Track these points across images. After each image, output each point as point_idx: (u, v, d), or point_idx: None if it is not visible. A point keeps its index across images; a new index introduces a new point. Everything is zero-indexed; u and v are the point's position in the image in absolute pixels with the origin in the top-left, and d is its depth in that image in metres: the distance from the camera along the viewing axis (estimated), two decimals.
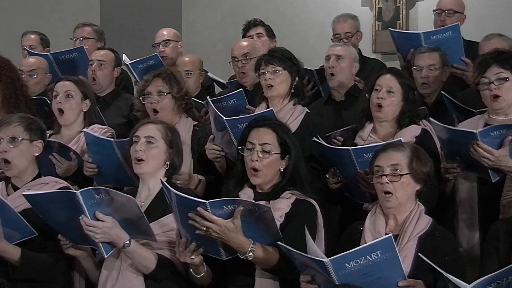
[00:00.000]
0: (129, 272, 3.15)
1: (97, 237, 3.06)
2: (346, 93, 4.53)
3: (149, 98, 3.94)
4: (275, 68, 3.93)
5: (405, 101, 3.69)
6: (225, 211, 2.96)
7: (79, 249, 3.25)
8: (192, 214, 2.95)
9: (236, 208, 2.96)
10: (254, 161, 3.20)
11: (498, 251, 2.98)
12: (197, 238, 3.00)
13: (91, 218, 3.05)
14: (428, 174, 3.12)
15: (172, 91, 3.93)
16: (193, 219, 2.95)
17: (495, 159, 3.33)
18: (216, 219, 2.94)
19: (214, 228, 2.94)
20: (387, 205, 3.07)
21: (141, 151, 3.30)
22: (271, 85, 3.93)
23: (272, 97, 3.96)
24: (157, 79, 3.97)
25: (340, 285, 2.72)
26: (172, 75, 4.01)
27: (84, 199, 3.02)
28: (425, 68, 4.31)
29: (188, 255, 3.02)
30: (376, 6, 6.58)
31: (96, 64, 4.84)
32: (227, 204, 2.97)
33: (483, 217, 3.51)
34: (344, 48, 4.58)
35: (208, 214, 2.94)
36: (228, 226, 2.95)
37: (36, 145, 3.52)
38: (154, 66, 5.00)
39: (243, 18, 5.53)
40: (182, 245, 3.03)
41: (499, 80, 3.52)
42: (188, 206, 2.96)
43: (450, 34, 4.54)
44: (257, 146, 3.22)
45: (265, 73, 3.94)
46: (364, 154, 3.41)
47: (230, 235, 2.96)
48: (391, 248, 2.75)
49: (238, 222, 2.95)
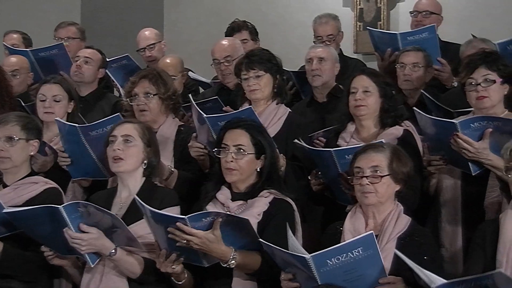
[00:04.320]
0: (113, 275, 3.16)
1: (83, 249, 3.08)
2: (328, 94, 4.56)
3: (136, 99, 3.94)
4: (257, 73, 3.92)
5: (383, 97, 3.70)
6: (204, 223, 2.98)
7: (63, 259, 3.25)
8: (171, 229, 2.96)
9: (215, 219, 2.97)
10: (229, 162, 3.23)
11: (484, 252, 3.00)
12: (178, 249, 3.01)
13: (75, 231, 3.05)
14: (408, 174, 3.14)
15: (159, 92, 3.92)
16: (173, 233, 2.96)
17: (475, 150, 3.34)
18: (196, 232, 2.96)
19: (195, 241, 2.96)
20: (366, 202, 3.09)
21: (119, 150, 3.29)
22: (256, 89, 3.93)
23: (257, 99, 3.97)
24: (143, 80, 3.95)
25: (322, 285, 2.75)
26: (159, 75, 3.99)
27: (68, 213, 3.03)
28: (409, 66, 4.35)
29: (169, 265, 3.03)
30: (358, 7, 6.61)
31: (82, 60, 4.83)
32: (205, 216, 2.99)
33: (466, 217, 3.54)
34: (325, 50, 4.61)
35: (188, 228, 2.95)
36: (208, 238, 2.97)
37: (32, 144, 3.52)
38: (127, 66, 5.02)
39: (226, 18, 5.53)
40: (163, 256, 3.03)
41: (487, 82, 3.51)
42: (167, 221, 2.97)
43: (426, 35, 4.58)
44: (231, 147, 3.25)
45: (248, 78, 3.94)
46: (345, 156, 3.42)
47: (211, 246, 2.98)
48: (372, 245, 2.77)
49: (218, 233, 2.97)
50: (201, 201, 3.32)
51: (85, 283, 3.21)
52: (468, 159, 3.41)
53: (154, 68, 4.45)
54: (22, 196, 3.39)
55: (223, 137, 3.30)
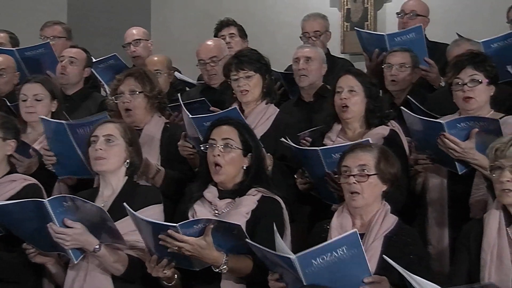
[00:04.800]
0: (97, 273, 3.14)
1: (67, 244, 3.06)
2: (315, 94, 4.57)
3: (122, 97, 3.92)
4: (247, 73, 3.92)
5: (368, 97, 3.71)
6: (195, 230, 2.97)
7: (46, 256, 3.23)
8: (162, 236, 2.95)
9: (207, 226, 2.96)
10: (216, 155, 3.22)
11: (469, 251, 3.01)
12: (168, 254, 3.00)
13: (59, 226, 3.04)
14: (395, 175, 3.16)
15: (144, 89, 3.91)
16: (164, 240, 2.95)
17: (461, 150, 3.37)
18: (188, 239, 2.94)
19: (187, 248, 2.94)
20: (353, 205, 3.10)
21: (101, 150, 3.28)
22: (246, 90, 3.93)
23: (248, 102, 3.97)
24: (129, 78, 3.95)
25: (308, 285, 2.74)
26: (145, 73, 3.99)
27: (52, 207, 3.02)
28: (396, 66, 4.37)
29: (160, 270, 3.02)
30: (345, 7, 6.64)
31: (67, 60, 4.81)
32: (196, 223, 2.98)
33: (453, 215, 3.55)
34: (313, 50, 4.62)
35: (180, 236, 2.94)
36: (200, 244, 2.95)
37: (9, 144, 3.50)
38: (114, 66, 5.01)
39: (214, 18, 5.53)
40: (154, 261, 3.02)
41: (473, 82, 3.55)
42: (158, 229, 2.96)
43: (413, 36, 4.61)
44: (219, 141, 3.24)
45: (238, 79, 3.94)
46: (332, 154, 3.43)
47: (203, 252, 2.97)
48: (356, 244, 2.77)
49: (209, 239, 2.96)
50: (188, 201, 3.31)
51: (70, 282, 3.19)
52: (455, 159, 3.43)
53: (140, 67, 4.44)
54: (2, 195, 3.36)
55: (211, 133, 3.30)
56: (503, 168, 2.92)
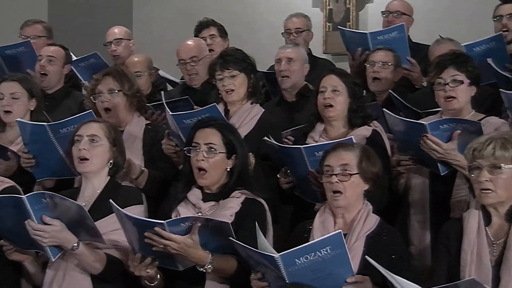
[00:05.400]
0: (76, 272, 3.13)
1: (45, 241, 3.04)
2: (297, 93, 4.57)
3: (100, 97, 3.90)
4: (231, 72, 3.92)
5: (351, 97, 3.72)
6: (182, 228, 2.96)
7: (23, 254, 3.20)
8: (149, 233, 2.93)
9: (194, 224, 2.96)
10: (199, 160, 3.21)
11: (448, 251, 3.02)
12: (153, 253, 2.98)
13: (38, 222, 3.02)
14: (377, 174, 3.16)
15: (123, 88, 3.89)
16: (150, 238, 2.94)
17: (443, 151, 3.39)
18: (175, 237, 2.93)
19: (173, 246, 2.93)
20: (335, 204, 3.11)
21: (84, 150, 3.27)
22: (231, 89, 3.93)
23: (233, 101, 3.96)
24: (107, 77, 3.92)
25: (290, 284, 2.74)
26: (123, 72, 3.98)
27: (31, 204, 2.99)
28: (378, 64, 4.39)
29: (144, 269, 3.01)
30: (327, 7, 6.66)
31: (45, 60, 4.78)
32: (183, 221, 2.97)
33: (435, 215, 3.57)
34: (294, 50, 4.62)
35: (167, 233, 2.92)
36: (186, 243, 2.94)
37: None
38: (95, 64, 4.97)
39: (195, 17, 5.51)
40: (137, 260, 3.00)
41: (455, 82, 3.58)
42: (145, 226, 2.95)
43: (396, 34, 4.64)
44: (202, 146, 3.23)
45: (222, 79, 3.93)
46: (315, 153, 3.43)
47: (189, 250, 2.96)
48: (340, 244, 2.77)
49: (196, 238, 2.95)
50: (171, 202, 3.30)
51: (48, 281, 3.17)
52: (437, 160, 3.45)
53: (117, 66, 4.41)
54: None
55: (194, 136, 3.28)
56: (481, 168, 2.93)
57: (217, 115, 3.67)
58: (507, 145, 2.91)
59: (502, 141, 2.92)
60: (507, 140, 2.93)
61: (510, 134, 3.04)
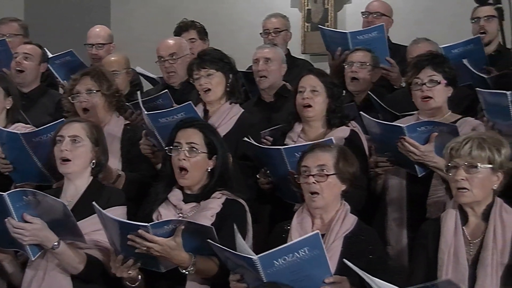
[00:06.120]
0: (56, 272, 3.10)
1: (25, 240, 3.01)
2: (275, 93, 4.58)
3: (79, 97, 3.87)
4: (208, 71, 3.92)
5: (330, 98, 3.74)
6: (165, 230, 2.96)
7: (2, 253, 3.17)
8: (132, 236, 2.93)
9: (177, 227, 2.96)
10: (181, 160, 3.21)
11: (426, 251, 3.04)
12: (135, 254, 2.98)
13: (18, 220, 2.99)
14: (354, 174, 3.17)
15: (101, 88, 3.87)
16: (133, 240, 2.93)
17: (421, 153, 3.42)
18: (158, 240, 2.93)
19: (156, 248, 2.94)
20: (313, 205, 3.11)
21: (66, 151, 3.25)
22: (208, 89, 3.92)
23: (211, 101, 3.96)
24: (85, 77, 3.90)
25: (268, 283, 2.74)
26: (101, 72, 3.96)
27: (12, 201, 2.96)
28: (356, 64, 4.41)
29: (125, 271, 3.00)
30: (305, 8, 6.66)
31: (21, 57, 4.73)
32: (167, 224, 2.97)
33: (411, 215, 3.59)
34: (272, 50, 4.61)
35: (150, 236, 2.93)
36: (170, 245, 2.95)
37: None
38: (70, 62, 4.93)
39: (174, 16, 5.49)
40: (119, 262, 3.00)
41: (432, 82, 3.61)
42: (128, 228, 2.94)
43: (375, 34, 4.66)
44: (184, 145, 3.23)
45: (199, 78, 3.93)
46: (295, 153, 3.43)
47: (172, 253, 2.96)
48: (318, 245, 2.78)
49: (179, 240, 2.96)
50: (152, 202, 3.29)
51: (28, 280, 3.14)
52: (414, 161, 3.46)
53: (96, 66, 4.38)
54: None
55: (176, 136, 3.28)
56: (458, 167, 2.96)
57: (192, 114, 3.67)
58: (484, 145, 2.95)
59: (479, 141, 2.96)
60: (484, 140, 2.96)
61: (487, 134, 3.08)
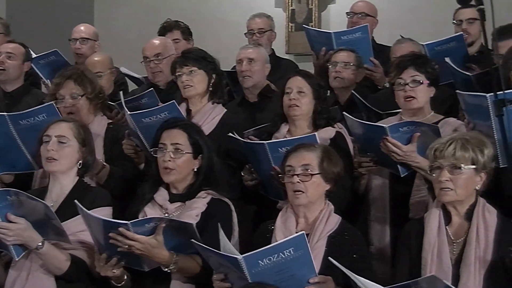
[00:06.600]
0: (40, 273, 3.10)
1: (9, 239, 3.01)
2: (259, 94, 4.58)
3: (63, 102, 3.84)
4: (190, 68, 3.93)
5: (316, 99, 3.77)
6: (147, 228, 2.97)
7: None
8: (113, 234, 2.93)
9: (158, 225, 2.96)
10: (166, 161, 3.22)
11: (410, 250, 3.06)
12: (118, 253, 2.98)
13: (2, 220, 2.98)
14: (338, 174, 3.19)
15: (86, 92, 3.85)
16: (115, 238, 2.93)
17: (403, 154, 3.43)
18: (139, 238, 2.94)
19: (137, 246, 2.95)
20: (296, 202, 3.12)
21: (53, 151, 3.24)
22: (189, 85, 3.93)
23: (190, 96, 3.96)
24: (68, 81, 3.86)
25: (253, 283, 2.75)
26: (84, 75, 3.92)
27: None
28: (340, 64, 4.42)
29: (110, 269, 3.00)
30: (289, 8, 6.68)
31: (4, 56, 4.71)
32: (148, 222, 2.98)
33: (394, 215, 3.61)
34: (255, 50, 4.62)
35: (131, 234, 2.94)
36: (151, 243, 2.96)
37: None
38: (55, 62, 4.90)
39: (158, 16, 5.48)
40: (103, 260, 3.00)
41: (414, 83, 3.64)
42: (109, 226, 2.94)
43: (359, 35, 4.67)
44: (169, 146, 3.24)
45: (181, 75, 3.94)
46: (279, 149, 3.46)
47: (153, 251, 2.97)
48: (303, 245, 2.79)
49: (160, 238, 2.97)
50: (138, 203, 3.29)
51: (11, 281, 3.13)
52: (397, 162, 3.48)
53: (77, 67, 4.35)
54: None
55: (160, 137, 3.29)
56: (442, 167, 2.98)
57: (175, 113, 3.67)
58: (468, 146, 2.97)
59: (462, 142, 2.98)
60: (467, 141, 2.99)
61: (470, 135, 3.10)
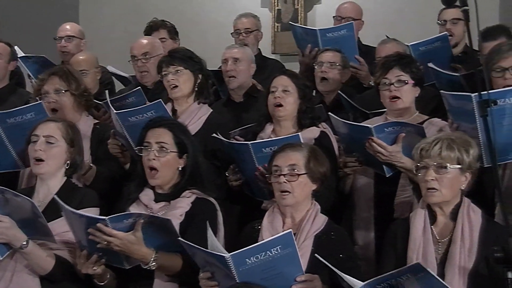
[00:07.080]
0: (24, 273, 3.08)
1: None
2: (245, 94, 4.58)
3: (47, 97, 3.83)
4: (176, 68, 3.93)
5: (302, 99, 3.77)
6: (125, 224, 2.96)
7: None
8: (92, 230, 2.93)
9: (137, 221, 2.96)
10: (151, 160, 3.21)
11: (395, 250, 3.08)
12: (99, 250, 2.97)
13: None
14: (324, 174, 3.20)
15: (70, 88, 3.84)
16: (94, 235, 2.93)
17: (388, 154, 3.45)
18: (117, 234, 2.94)
19: (116, 242, 2.94)
20: (283, 203, 3.13)
21: (40, 151, 3.23)
22: (175, 85, 3.92)
23: (177, 98, 3.95)
24: (53, 77, 3.86)
25: (239, 283, 2.75)
26: (69, 72, 3.92)
27: None
28: (326, 64, 4.43)
29: (90, 267, 3.00)
30: (275, 8, 6.69)
31: None
32: (127, 217, 2.97)
33: (379, 215, 3.62)
34: (240, 50, 4.62)
35: (109, 229, 2.93)
36: (129, 239, 2.95)
37: None
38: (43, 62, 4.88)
39: (143, 16, 5.47)
40: (83, 257, 2.99)
41: (399, 82, 3.65)
42: (88, 222, 2.94)
43: (344, 32, 4.68)
44: (154, 145, 3.23)
45: (167, 74, 3.94)
46: (262, 149, 3.46)
47: (132, 247, 2.96)
48: (290, 243, 2.80)
49: (139, 234, 2.96)
50: (124, 202, 3.29)
51: None
52: (382, 162, 3.50)
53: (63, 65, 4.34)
54: None
55: (145, 136, 3.28)
56: (427, 167, 3.00)
57: (162, 112, 3.66)
58: (453, 146, 3.00)
59: (448, 142, 3.01)
60: (453, 141, 3.01)
61: (455, 135, 3.12)
